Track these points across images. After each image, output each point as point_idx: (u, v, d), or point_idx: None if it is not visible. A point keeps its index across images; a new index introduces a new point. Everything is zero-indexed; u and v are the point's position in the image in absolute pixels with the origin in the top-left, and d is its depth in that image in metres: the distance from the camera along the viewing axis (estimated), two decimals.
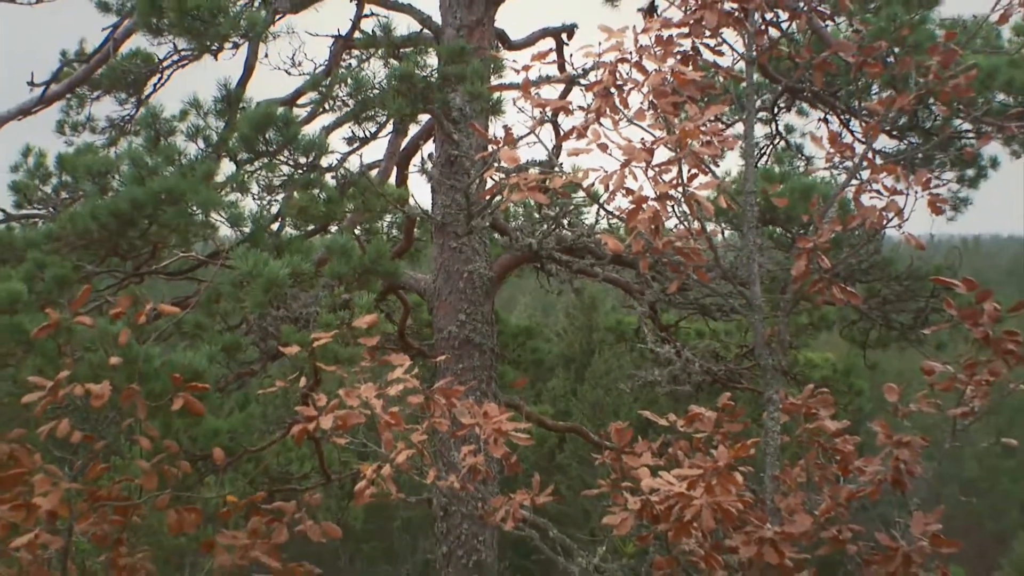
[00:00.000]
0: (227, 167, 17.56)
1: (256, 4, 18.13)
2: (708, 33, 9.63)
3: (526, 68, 10.83)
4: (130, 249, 17.16)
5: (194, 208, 16.31)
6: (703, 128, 9.12)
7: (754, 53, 9.93)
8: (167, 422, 9.33)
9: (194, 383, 9.53)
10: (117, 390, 8.77)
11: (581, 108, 9.73)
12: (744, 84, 9.97)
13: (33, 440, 9.13)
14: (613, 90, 9.42)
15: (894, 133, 18.84)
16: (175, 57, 19.68)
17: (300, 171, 19.08)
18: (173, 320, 15.27)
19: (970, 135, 19.07)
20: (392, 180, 21.17)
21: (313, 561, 9.95)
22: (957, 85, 9.76)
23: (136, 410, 9.08)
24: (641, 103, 9.42)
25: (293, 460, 21.39)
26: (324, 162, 19.72)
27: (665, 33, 9.55)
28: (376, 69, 20.91)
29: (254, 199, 18.20)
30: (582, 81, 17.11)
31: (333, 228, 19.29)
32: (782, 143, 21.73)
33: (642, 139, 9.31)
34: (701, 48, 9.67)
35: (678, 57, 9.50)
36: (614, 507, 8.46)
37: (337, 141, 20.58)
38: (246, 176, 17.84)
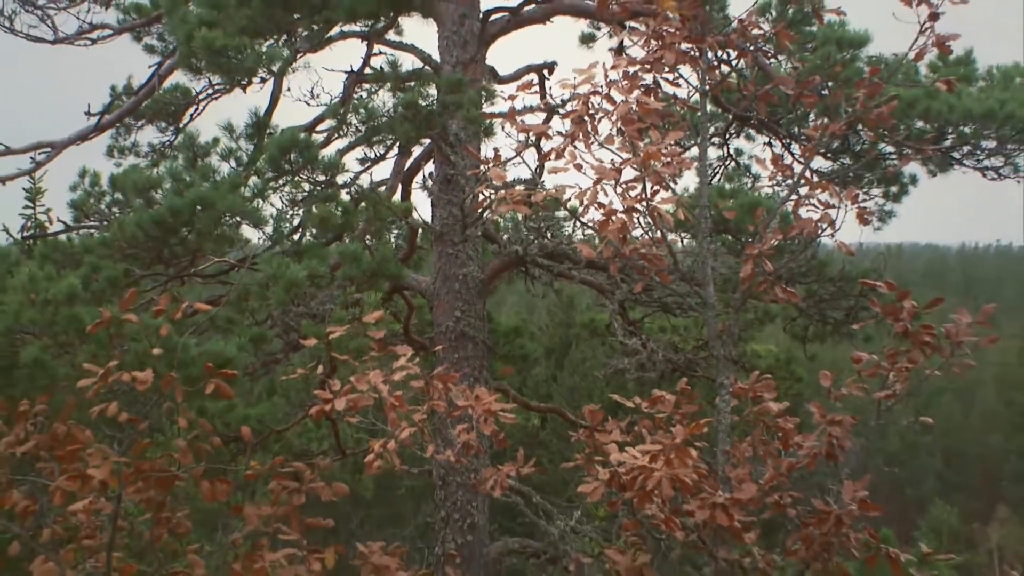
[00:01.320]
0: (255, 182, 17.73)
1: (280, 43, 18.13)
2: (667, 69, 9.64)
3: (512, 98, 10.85)
4: (172, 256, 17.23)
5: (224, 214, 16.46)
6: (664, 151, 9.15)
7: (707, 86, 9.94)
8: (201, 405, 9.37)
9: (225, 370, 9.52)
10: (159, 376, 8.77)
11: (560, 133, 9.75)
12: (699, 113, 9.98)
13: (86, 420, 9.12)
14: (587, 118, 9.44)
15: (828, 155, 18.86)
16: (209, 90, 19.68)
17: (319, 187, 19.16)
18: (207, 316, 15.33)
19: (893, 156, 19.12)
20: (398, 195, 21.19)
21: None
22: (881, 113, 9.78)
23: (175, 394, 9.08)
24: (611, 129, 9.44)
25: (312, 439, 21.38)
26: (339, 180, 19.81)
27: (631, 69, 9.56)
28: (384, 100, 20.90)
29: (277, 210, 18.38)
30: (560, 110, 17.13)
31: (347, 237, 19.31)
32: (732, 164, 21.75)
33: (612, 160, 9.33)
34: (662, 82, 9.68)
35: (642, 89, 9.51)
36: (588, 478, 8.46)
37: (351, 162, 20.61)
38: (271, 190, 17.97)
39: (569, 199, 10.10)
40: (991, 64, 19.34)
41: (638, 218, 9.45)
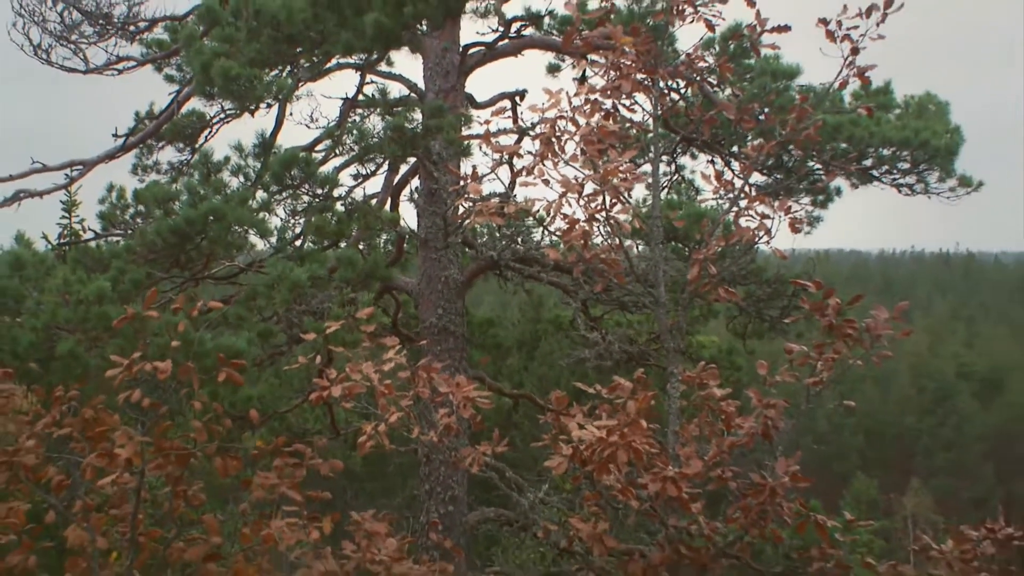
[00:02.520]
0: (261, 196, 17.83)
1: (284, 74, 18.13)
2: (624, 96, 9.64)
3: (488, 122, 10.88)
4: (188, 261, 17.26)
5: (234, 223, 16.50)
6: (620, 168, 9.16)
7: (659, 111, 9.94)
8: (214, 391, 9.35)
9: (235, 361, 9.50)
10: (177, 366, 8.75)
11: (529, 152, 9.75)
12: (651, 134, 9.97)
13: (113, 405, 9.11)
14: (553, 139, 9.45)
15: (764, 171, 18.90)
16: (222, 115, 19.69)
17: (317, 200, 19.19)
18: (220, 313, 15.31)
19: (820, 172, 19.19)
20: (387, 207, 21.21)
21: None
22: (809, 135, 9.81)
23: (191, 382, 9.06)
24: (574, 149, 9.45)
25: (310, 420, 21.36)
26: (336, 193, 19.90)
27: (592, 96, 9.56)
28: (375, 123, 20.94)
29: (281, 220, 18.45)
30: (530, 132, 17.09)
31: (342, 243, 19.34)
32: (680, 179, 21.79)
33: (575, 176, 9.34)
34: (619, 107, 9.68)
35: (602, 114, 9.51)
36: (554, 455, 8.46)
37: (346, 177, 20.67)
38: (275, 202, 18.02)
39: (538, 210, 10.12)
40: (907, 94, 19.45)
41: (598, 227, 9.46)
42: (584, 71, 16.25)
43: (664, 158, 20.22)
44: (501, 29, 21.15)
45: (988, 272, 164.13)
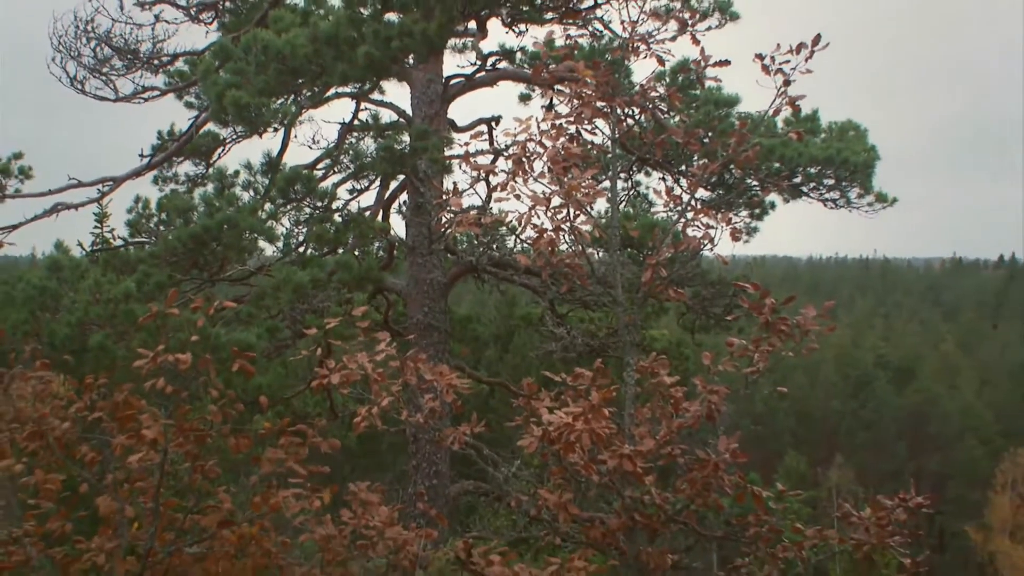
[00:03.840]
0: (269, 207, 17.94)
1: (289, 101, 18.13)
2: (586, 121, 9.64)
3: (467, 144, 10.96)
4: (205, 264, 17.30)
5: (244, 232, 16.55)
6: (583, 184, 9.16)
7: (616, 135, 9.94)
8: (228, 379, 9.31)
9: (246, 353, 9.48)
10: (196, 357, 8.72)
11: (503, 171, 9.74)
12: (609, 155, 9.98)
13: (139, 391, 9.08)
14: (524, 159, 9.44)
15: (708, 187, 18.96)
16: (234, 136, 19.68)
17: (318, 211, 19.24)
18: (233, 311, 15.31)
19: (756, 188, 19.28)
20: (379, 218, 21.22)
21: None
22: (747, 156, 9.82)
23: (208, 371, 9.04)
24: (542, 167, 9.44)
25: (312, 405, 21.33)
26: (334, 205, 19.99)
27: (558, 121, 9.56)
28: (368, 145, 21.14)
29: (286, 229, 18.55)
30: (504, 153, 17.11)
31: (340, 250, 19.35)
32: (635, 194, 21.82)
33: (543, 191, 9.33)
34: (582, 131, 9.68)
35: (567, 137, 9.51)
36: (525, 435, 8.45)
37: (343, 192, 20.88)
38: (281, 213, 18.09)
39: (511, 221, 10.12)
40: (831, 120, 19.55)
41: (563, 235, 9.46)
42: (551, 100, 16.18)
43: (621, 175, 20.30)
44: (479, 63, 21.22)
45: (901, 275, 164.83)
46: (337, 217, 19.95)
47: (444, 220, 18.43)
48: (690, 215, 9.85)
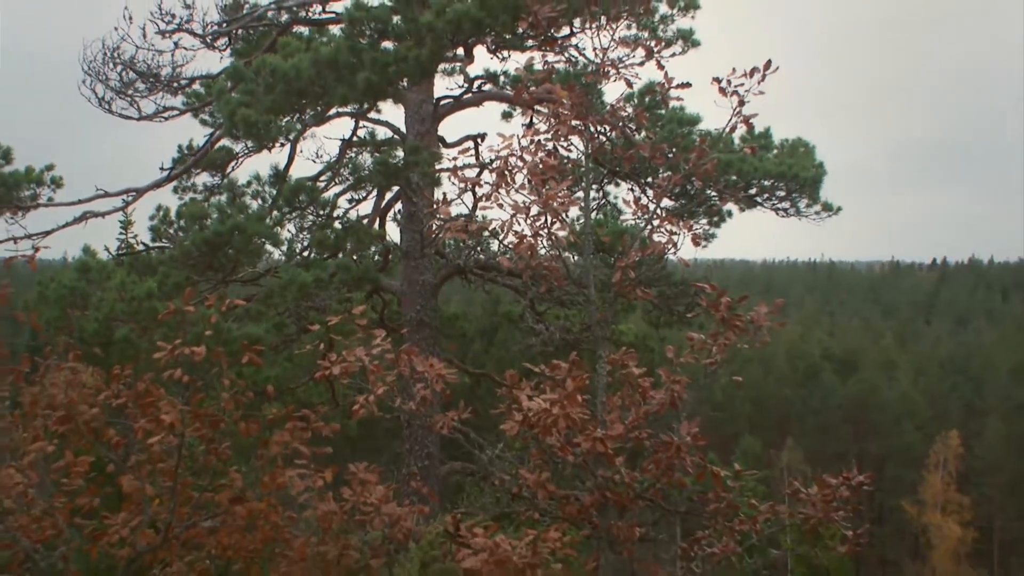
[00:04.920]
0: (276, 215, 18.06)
1: (294, 119, 18.13)
2: (562, 138, 9.64)
3: (455, 159, 10.94)
4: (219, 266, 17.32)
5: (254, 237, 16.60)
6: (559, 194, 9.15)
7: (589, 150, 9.95)
8: (239, 370, 9.31)
9: (255, 346, 9.46)
10: (210, 350, 8.71)
11: (488, 183, 9.74)
12: (583, 168, 9.98)
13: (159, 380, 9.06)
14: (506, 172, 9.44)
15: (672, 197, 18.95)
16: (245, 151, 19.70)
17: (320, 219, 19.27)
18: (243, 309, 15.31)
19: (715, 199, 19.30)
20: (376, 225, 21.23)
21: None
22: (707, 170, 9.83)
23: (221, 362, 9.03)
24: (523, 180, 9.43)
25: (315, 394, 21.30)
26: (335, 214, 19.99)
27: (537, 138, 9.56)
28: (366, 159, 21.14)
29: (291, 234, 18.65)
30: (488, 166, 17.11)
31: (340, 254, 19.37)
32: (606, 203, 21.83)
33: (523, 201, 9.32)
34: (558, 147, 9.67)
35: (545, 152, 9.50)
36: (508, 420, 8.45)
37: (343, 201, 20.85)
38: (286, 220, 18.21)
39: (494, 228, 10.11)
40: (783, 137, 19.61)
41: (542, 241, 9.46)
42: (531, 118, 16.27)
43: (593, 187, 20.29)
44: (466, 85, 21.27)
45: (845, 277, 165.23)
46: (338, 224, 19.98)
47: (434, 227, 18.58)
48: (655, 222, 9.85)
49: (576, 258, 11.03)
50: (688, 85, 9.80)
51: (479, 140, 21.26)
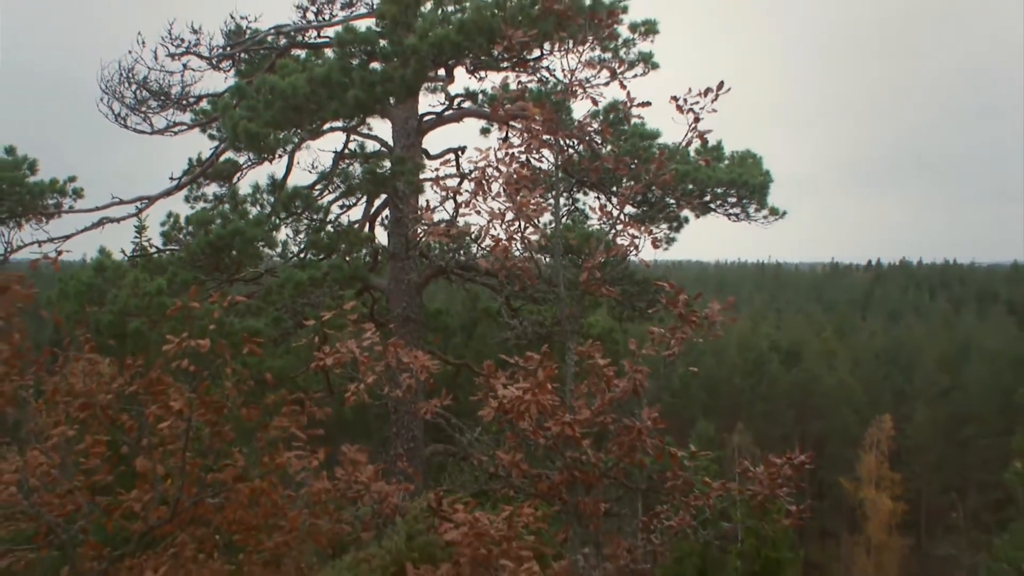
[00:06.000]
0: (274, 220, 18.12)
1: (292, 133, 18.14)
2: (535, 150, 9.63)
3: (437, 169, 10.90)
4: (223, 266, 17.32)
5: (253, 240, 16.65)
6: (531, 202, 9.15)
7: (559, 162, 9.94)
8: (241, 360, 9.27)
9: (256, 339, 9.44)
10: (214, 343, 8.67)
11: (467, 191, 9.73)
12: (553, 178, 9.98)
13: (168, 370, 9.02)
14: (484, 181, 9.42)
15: (634, 204, 19.03)
16: (248, 162, 19.71)
17: (314, 223, 19.28)
18: (244, 305, 15.29)
19: (673, 205, 19.36)
20: (366, 229, 21.23)
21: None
22: (666, 179, 9.83)
23: (224, 354, 9.00)
24: (499, 188, 9.42)
25: (311, 382, 21.27)
26: (328, 219, 20.00)
27: (511, 151, 9.55)
28: (357, 169, 21.12)
29: (288, 238, 18.74)
30: (468, 176, 17.14)
31: (333, 255, 19.39)
32: (575, 210, 21.87)
33: (499, 208, 9.32)
34: (531, 159, 9.67)
35: (519, 164, 9.49)
36: (485, 406, 8.44)
37: (335, 208, 20.83)
38: (284, 225, 18.34)
39: (473, 232, 10.10)
40: (733, 150, 19.71)
41: (516, 244, 9.45)
42: (506, 133, 16.28)
43: (563, 195, 20.30)
44: (447, 103, 21.29)
45: (790, 277, 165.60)
46: (330, 228, 20.05)
47: (419, 231, 18.63)
48: (619, 227, 9.85)
49: (547, 259, 11.03)
50: (648, 103, 9.80)
51: (459, 152, 21.33)
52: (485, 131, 22.64)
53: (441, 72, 19.71)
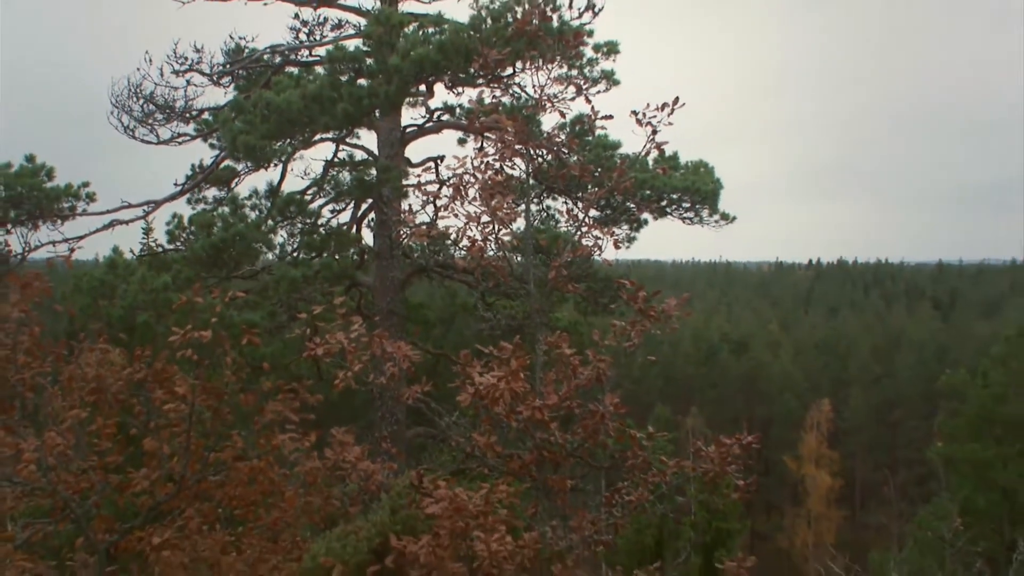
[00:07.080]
0: (270, 223, 18.07)
1: (286, 143, 18.10)
2: (508, 159, 9.63)
3: (419, 176, 10.85)
4: (223, 265, 17.27)
5: (251, 241, 16.65)
6: (504, 206, 9.15)
7: (530, 170, 9.94)
8: (240, 350, 9.23)
9: (253, 330, 9.40)
10: (215, 334, 8.64)
11: (446, 196, 9.72)
12: (525, 184, 9.98)
13: (173, 359, 8.99)
14: (461, 187, 9.42)
15: (598, 208, 19.05)
16: (245, 169, 19.64)
17: (307, 226, 19.23)
18: (243, 299, 15.25)
19: (633, 210, 19.41)
20: (353, 231, 21.21)
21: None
22: (626, 186, 9.85)
23: (224, 344, 8.97)
24: (475, 194, 9.42)
25: (303, 370, 21.20)
26: (319, 221, 19.97)
27: (486, 159, 9.54)
28: (345, 176, 21.09)
29: (283, 238, 18.71)
30: (447, 183, 17.14)
31: (324, 255, 19.38)
32: (545, 213, 21.90)
33: (475, 211, 9.31)
34: (504, 167, 9.66)
35: (493, 171, 9.49)
36: (463, 392, 8.43)
37: (326, 211, 20.86)
38: (279, 227, 18.30)
39: (451, 234, 10.10)
40: (687, 160, 19.80)
41: (490, 244, 9.45)
42: (482, 143, 16.28)
43: (534, 200, 20.32)
44: (428, 116, 21.28)
45: (740, 275, 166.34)
46: (321, 230, 20.00)
47: (402, 233, 18.59)
48: (584, 229, 9.87)
49: (519, 259, 11.03)
50: (611, 117, 9.81)
51: (439, 161, 21.32)
52: (462, 141, 22.64)
53: (422, 88, 19.72)
